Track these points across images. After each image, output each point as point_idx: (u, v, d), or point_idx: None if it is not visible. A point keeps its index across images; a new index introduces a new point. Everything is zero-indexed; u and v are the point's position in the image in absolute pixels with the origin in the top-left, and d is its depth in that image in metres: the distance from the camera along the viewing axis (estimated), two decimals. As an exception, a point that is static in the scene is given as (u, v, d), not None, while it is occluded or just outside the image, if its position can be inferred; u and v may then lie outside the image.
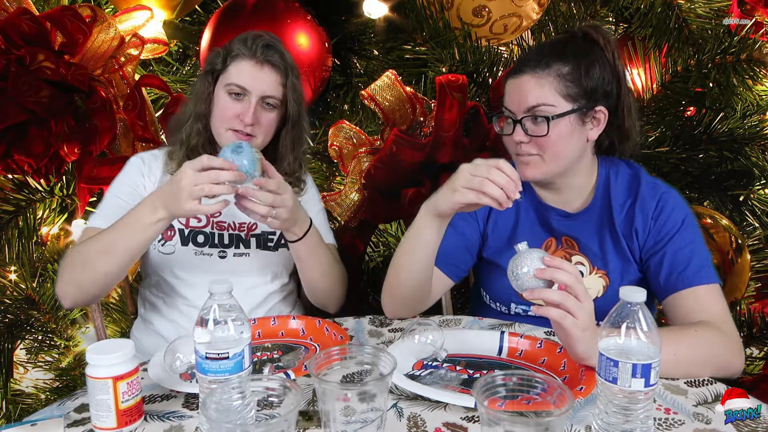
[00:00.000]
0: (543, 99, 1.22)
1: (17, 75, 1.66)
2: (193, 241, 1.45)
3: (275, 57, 1.40)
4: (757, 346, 1.94)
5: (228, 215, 1.47)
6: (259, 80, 1.40)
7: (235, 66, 1.40)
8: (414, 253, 1.24)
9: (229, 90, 1.40)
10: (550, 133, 1.22)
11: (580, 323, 0.98)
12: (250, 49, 1.39)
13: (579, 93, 1.23)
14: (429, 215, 1.19)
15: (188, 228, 1.45)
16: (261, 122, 1.41)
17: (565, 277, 0.98)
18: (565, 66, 1.22)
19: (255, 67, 1.39)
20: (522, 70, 1.24)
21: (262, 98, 1.40)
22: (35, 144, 1.76)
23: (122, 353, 0.93)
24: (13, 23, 1.66)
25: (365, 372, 0.93)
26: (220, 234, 1.46)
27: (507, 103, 1.28)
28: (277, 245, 1.50)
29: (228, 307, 0.89)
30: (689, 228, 1.25)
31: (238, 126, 1.40)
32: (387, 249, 2.17)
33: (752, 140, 1.94)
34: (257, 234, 1.49)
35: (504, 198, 1.06)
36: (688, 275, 1.20)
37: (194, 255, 1.44)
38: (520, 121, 1.24)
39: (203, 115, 1.44)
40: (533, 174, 1.28)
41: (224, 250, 1.46)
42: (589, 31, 1.29)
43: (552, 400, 0.81)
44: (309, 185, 1.61)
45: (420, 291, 1.30)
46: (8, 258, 2.07)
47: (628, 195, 1.30)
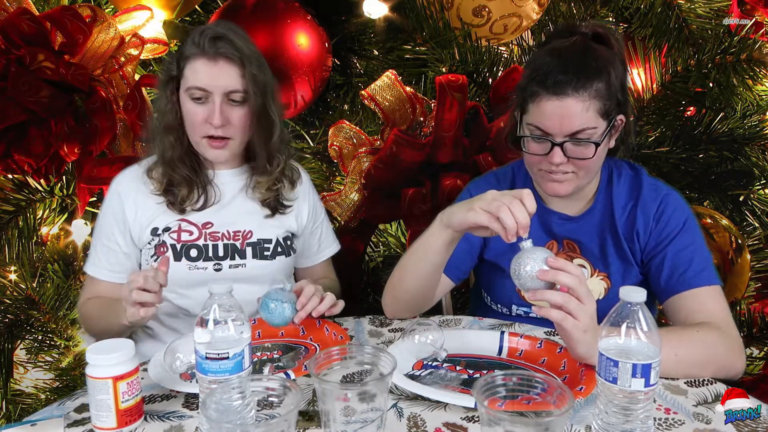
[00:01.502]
0: (588, 123, 1.17)
1: (17, 75, 1.66)
2: (186, 255, 1.39)
3: (227, 48, 1.30)
4: (757, 346, 1.94)
5: (221, 224, 1.42)
6: (217, 77, 1.31)
7: (190, 67, 1.32)
8: (424, 260, 1.23)
9: (191, 95, 1.32)
10: (594, 155, 1.19)
11: (581, 325, 0.98)
12: (200, 46, 1.30)
13: (610, 107, 1.19)
14: (442, 225, 1.17)
15: (180, 243, 1.39)
16: (232, 121, 1.34)
17: (568, 279, 0.97)
18: (600, 83, 1.17)
19: (209, 64, 1.30)
20: (564, 91, 1.15)
21: (226, 95, 1.32)
22: (35, 144, 1.76)
23: (122, 353, 0.93)
24: (13, 23, 1.66)
25: (365, 372, 0.93)
26: (214, 245, 1.40)
27: (543, 125, 1.19)
28: (274, 254, 1.44)
29: (228, 307, 0.89)
30: (690, 230, 1.24)
31: (210, 131, 1.33)
32: (387, 249, 2.17)
33: (752, 140, 1.94)
34: (253, 243, 1.43)
35: (514, 231, 1.03)
36: (689, 277, 1.19)
37: (188, 270, 1.38)
38: (561, 144, 1.19)
39: (173, 127, 1.37)
40: (566, 191, 1.24)
41: (219, 263, 1.40)
42: (597, 30, 1.25)
43: (552, 400, 0.81)
44: (306, 184, 1.55)
45: (424, 295, 1.30)
46: (8, 258, 2.07)
47: (629, 197, 1.30)
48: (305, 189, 1.54)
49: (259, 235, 1.44)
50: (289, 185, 1.48)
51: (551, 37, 1.31)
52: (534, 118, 1.20)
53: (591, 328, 0.99)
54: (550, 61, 1.19)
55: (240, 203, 1.45)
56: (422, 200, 1.76)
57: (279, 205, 1.46)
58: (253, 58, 1.34)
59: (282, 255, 1.45)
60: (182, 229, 1.40)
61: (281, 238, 1.46)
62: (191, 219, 1.41)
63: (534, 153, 1.22)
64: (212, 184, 1.44)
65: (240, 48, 1.32)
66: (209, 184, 1.43)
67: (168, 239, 1.39)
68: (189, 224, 1.40)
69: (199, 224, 1.41)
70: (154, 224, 1.40)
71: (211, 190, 1.43)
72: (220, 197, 1.43)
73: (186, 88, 1.33)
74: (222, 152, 1.37)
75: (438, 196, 1.74)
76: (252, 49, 1.35)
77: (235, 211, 1.44)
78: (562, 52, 1.20)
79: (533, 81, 1.19)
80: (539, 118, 1.19)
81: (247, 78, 1.32)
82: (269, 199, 1.45)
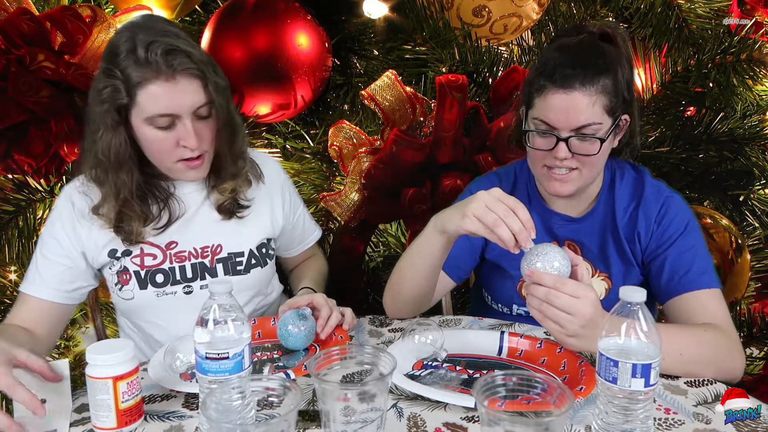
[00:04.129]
0: (594, 118, 1.17)
1: (17, 75, 1.65)
2: (152, 282, 1.28)
3: (184, 61, 1.14)
4: (757, 346, 1.94)
5: (186, 242, 1.30)
6: (181, 97, 1.15)
7: (145, 94, 1.14)
8: (419, 264, 1.23)
9: (153, 123, 1.17)
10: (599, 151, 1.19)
11: (563, 330, 0.98)
12: (152, 66, 1.12)
13: (616, 104, 1.19)
14: (436, 230, 1.16)
15: (144, 269, 1.27)
16: (203, 137, 1.21)
17: (540, 293, 0.98)
18: (607, 79, 1.17)
19: (168, 86, 1.14)
20: (571, 85, 1.15)
21: (194, 113, 1.19)
22: (35, 144, 1.76)
23: (122, 353, 0.93)
24: (13, 23, 1.66)
25: (365, 372, 0.93)
26: (182, 267, 1.29)
27: (549, 119, 1.18)
28: (247, 267, 1.34)
29: (228, 307, 0.89)
30: (692, 232, 1.24)
31: (185, 154, 1.21)
32: (387, 249, 2.17)
33: (752, 140, 1.94)
34: (223, 258, 1.32)
35: (512, 244, 1.02)
36: (689, 279, 1.19)
37: (156, 297, 1.28)
38: (566, 139, 1.18)
39: (124, 160, 1.20)
40: (568, 190, 1.24)
41: (189, 285, 1.29)
42: (605, 30, 1.25)
43: (552, 400, 0.81)
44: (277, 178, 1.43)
45: (423, 296, 1.30)
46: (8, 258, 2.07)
47: (631, 198, 1.30)
48: (277, 184, 1.43)
49: (229, 248, 1.33)
50: (247, 184, 1.35)
51: (559, 35, 1.32)
52: (540, 112, 1.20)
53: (579, 333, 0.98)
54: (558, 56, 1.19)
55: (205, 214, 1.34)
56: (422, 200, 1.76)
57: (236, 207, 1.34)
58: (209, 62, 1.20)
59: (257, 267, 1.36)
60: (145, 252, 1.28)
61: (254, 248, 1.36)
62: (154, 240, 1.29)
63: (538, 148, 1.22)
64: (174, 197, 1.31)
65: (196, 58, 1.16)
66: (171, 197, 1.31)
67: (130, 265, 1.28)
68: (151, 246, 1.29)
69: (162, 245, 1.29)
70: (112, 245, 1.28)
71: (173, 203, 1.31)
72: (184, 210, 1.32)
73: (145, 117, 1.16)
74: (201, 170, 1.26)
75: (438, 196, 1.75)
76: (202, 51, 1.21)
77: (201, 225, 1.33)
78: (571, 48, 1.20)
79: (541, 75, 1.19)
80: (545, 112, 1.19)
81: (210, 88, 1.18)
82: (226, 201, 1.32)
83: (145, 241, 1.28)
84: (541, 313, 0.99)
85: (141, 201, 1.26)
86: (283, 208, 1.44)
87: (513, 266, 1.34)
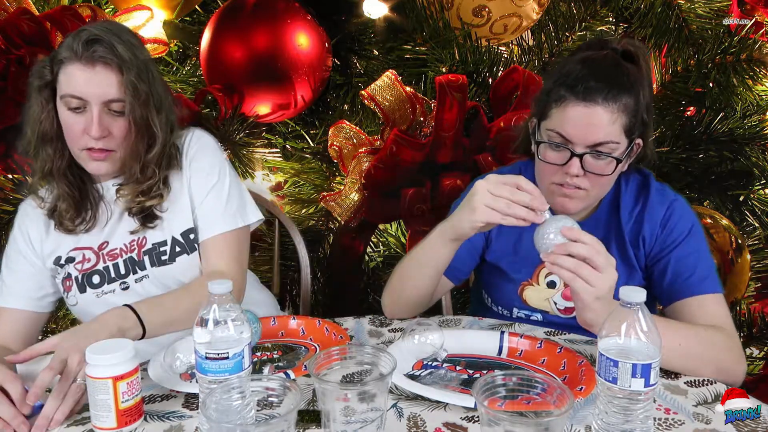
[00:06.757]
0: (612, 136, 1.14)
1: (17, 75, 1.66)
2: (89, 284, 1.29)
3: (104, 52, 1.16)
4: (757, 346, 1.94)
5: (116, 239, 1.30)
6: (93, 84, 1.17)
7: (64, 73, 1.18)
8: (425, 268, 1.23)
9: (66, 103, 1.18)
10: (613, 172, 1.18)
11: (593, 291, 0.97)
12: (73, 50, 1.16)
13: (635, 126, 1.17)
14: (444, 238, 1.15)
15: (82, 273, 1.29)
16: (113, 133, 1.20)
17: (581, 249, 0.97)
18: (630, 98, 1.14)
19: (85, 70, 1.17)
20: (594, 99, 1.12)
21: (105, 104, 1.19)
22: (35, 144, 1.76)
23: (122, 353, 0.93)
24: (13, 23, 1.66)
25: (365, 372, 0.93)
26: (115, 264, 1.29)
27: (566, 132, 1.15)
28: (172, 256, 1.30)
29: (228, 307, 0.89)
30: (695, 236, 1.24)
31: (90, 143, 1.20)
32: (387, 249, 2.17)
33: (752, 140, 1.94)
34: (149, 250, 1.30)
35: (532, 216, 1.01)
36: (692, 283, 1.19)
37: (97, 298, 1.28)
38: (581, 155, 1.15)
39: (50, 137, 1.23)
40: (575, 208, 1.21)
41: (124, 281, 1.29)
42: (628, 48, 1.21)
43: (552, 400, 0.81)
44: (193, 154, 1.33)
45: (424, 298, 1.30)
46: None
47: (636, 202, 1.29)
48: (188, 157, 1.33)
49: (153, 239, 1.30)
50: (158, 199, 1.29)
51: (582, 48, 1.29)
52: (556, 124, 1.16)
53: (604, 296, 0.98)
54: (581, 69, 1.15)
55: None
56: (422, 200, 1.76)
57: (146, 218, 1.29)
58: (134, 64, 1.19)
59: (183, 254, 1.30)
60: (85, 258, 1.30)
61: (179, 234, 1.30)
62: (88, 245, 1.30)
63: (550, 161, 1.18)
64: (103, 200, 1.31)
65: (119, 53, 1.18)
66: (101, 200, 1.31)
67: (72, 271, 1.30)
68: (88, 250, 1.31)
69: (94, 247, 1.31)
70: (57, 252, 1.31)
71: (102, 207, 1.31)
72: (111, 214, 1.31)
73: (61, 95, 1.19)
74: (102, 164, 1.23)
75: (438, 196, 1.75)
76: (136, 55, 1.21)
77: (129, 220, 1.31)
78: (596, 62, 1.17)
79: (561, 85, 1.15)
80: (562, 124, 1.15)
81: (127, 87, 1.18)
82: (134, 208, 1.28)
83: (83, 247, 1.30)
84: (573, 273, 0.98)
85: (70, 187, 1.27)
86: (188, 180, 1.33)
87: (513, 269, 1.33)
